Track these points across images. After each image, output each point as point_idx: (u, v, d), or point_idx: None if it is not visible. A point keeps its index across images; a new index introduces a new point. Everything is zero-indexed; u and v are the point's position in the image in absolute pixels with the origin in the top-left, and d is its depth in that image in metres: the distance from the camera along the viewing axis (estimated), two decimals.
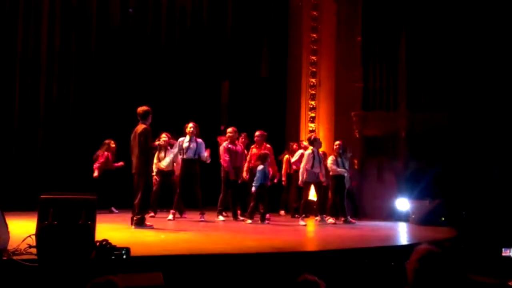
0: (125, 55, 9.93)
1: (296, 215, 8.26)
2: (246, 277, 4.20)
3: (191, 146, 7.53)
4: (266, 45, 11.14)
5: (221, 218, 7.76)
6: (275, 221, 8.06)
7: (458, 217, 7.84)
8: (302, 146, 8.98)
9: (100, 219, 4.27)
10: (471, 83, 9.51)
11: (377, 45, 9.85)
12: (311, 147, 7.95)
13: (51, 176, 8.69)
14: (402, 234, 7.38)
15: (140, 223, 6.26)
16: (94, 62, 9.69)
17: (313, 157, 7.73)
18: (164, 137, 7.93)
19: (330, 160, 8.20)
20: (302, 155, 8.59)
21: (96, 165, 8.74)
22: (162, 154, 8.08)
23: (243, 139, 8.31)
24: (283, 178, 9.12)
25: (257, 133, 8.28)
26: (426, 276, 2.38)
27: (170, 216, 7.58)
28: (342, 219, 8.07)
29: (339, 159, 8.19)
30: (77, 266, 3.73)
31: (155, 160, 8.00)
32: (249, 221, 7.60)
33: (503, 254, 4.65)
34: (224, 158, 7.87)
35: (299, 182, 7.89)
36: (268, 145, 8.37)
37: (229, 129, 8.07)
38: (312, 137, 8.39)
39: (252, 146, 8.34)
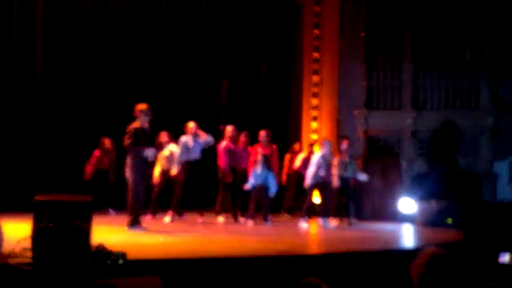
0: (123, 54, 9.85)
1: (298, 214, 8.17)
2: (247, 281, 4.10)
3: (195, 146, 7.42)
4: (267, 42, 11.02)
5: (220, 219, 7.65)
6: (277, 222, 7.95)
7: (465, 219, 7.69)
8: (309, 150, 8.93)
9: (96, 220, 4.18)
10: (473, 83, 9.39)
11: (381, 41, 9.72)
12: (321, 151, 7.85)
13: (46, 177, 8.61)
14: (408, 236, 7.26)
15: (131, 224, 6.14)
16: (91, 62, 9.61)
17: (322, 161, 7.58)
18: (164, 136, 7.87)
19: (335, 162, 8.04)
20: (303, 159, 8.49)
21: (88, 167, 8.66)
22: (167, 153, 7.95)
23: (243, 139, 8.15)
24: (284, 178, 9.01)
25: (263, 132, 8.15)
26: (432, 280, 2.27)
27: (168, 218, 7.45)
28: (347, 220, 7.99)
29: (347, 160, 8.02)
30: (73, 269, 3.66)
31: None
32: (251, 222, 7.51)
33: (500, 260, 4.37)
34: (223, 159, 7.75)
35: (305, 184, 7.77)
36: (274, 145, 8.26)
37: (229, 128, 7.94)
38: (323, 141, 8.23)
39: (258, 146, 8.21)
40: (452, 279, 2.26)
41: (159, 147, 7.85)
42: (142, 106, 6.34)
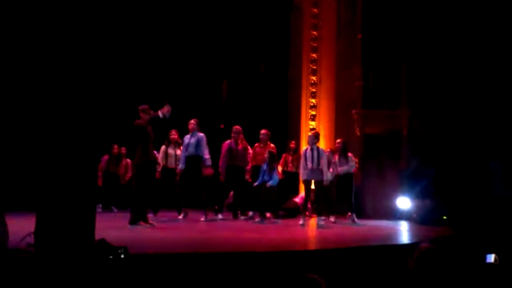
0: (124, 55, 9.92)
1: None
2: (245, 276, 4.18)
3: (192, 141, 7.45)
4: (266, 43, 11.10)
5: (220, 216, 7.73)
6: (277, 219, 8.02)
7: (458, 216, 7.82)
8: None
9: (99, 218, 4.25)
10: (472, 82, 9.49)
11: (378, 43, 9.83)
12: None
13: (50, 175, 8.69)
14: (403, 233, 7.35)
15: (133, 222, 6.22)
16: (93, 62, 9.66)
17: (305, 154, 7.56)
18: (173, 134, 7.96)
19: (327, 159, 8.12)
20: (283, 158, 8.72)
21: (99, 173, 8.98)
22: (171, 151, 8.01)
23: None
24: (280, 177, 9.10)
25: (262, 131, 8.24)
26: (426, 274, 2.37)
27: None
28: (349, 214, 8.10)
29: (342, 159, 8.12)
30: (76, 263, 3.72)
31: (161, 156, 8.01)
32: (258, 219, 7.61)
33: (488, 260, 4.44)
34: (221, 158, 7.82)
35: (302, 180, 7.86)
36: (272, 145, 8.33)
37: (234, 128, 7.98)
38: (308, 134, 8.31)
39: (256, 145, 8.31)
40: (444, 273, 2.35)
41: (170, 144, 7.97)
42: (143, 106, 6.46)
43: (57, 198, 3.98)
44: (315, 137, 7.74)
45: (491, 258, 4.18)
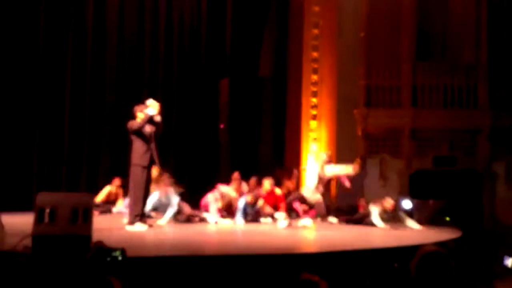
0: (123, 55, 9.88)
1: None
2: (245, 279, 4.13)
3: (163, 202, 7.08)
4: (266, 41, 11.03)
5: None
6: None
7: (462, 218, 7.75)
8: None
9: (99, 219, 4.21)
10: (471, 80, 9.44)
11: (381, 41, 9.77)
12: None
13: (49, 176, 8.67)
14: (405, 234, 7.28)
15: (130, 223, 6.14)
16: (92, 61, 9.64)
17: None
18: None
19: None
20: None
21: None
22: None
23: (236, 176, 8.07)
24: None
25: (235, 174, 8.06)
26: (430, 277, 2.32)
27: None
28: None
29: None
30: (73, 266, 3.69)
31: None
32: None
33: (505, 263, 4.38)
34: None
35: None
36: (244, 187, 8.09)
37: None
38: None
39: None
40: (447, 275, 2.30)
41: None
42: (140, 107, 6.43)
43: (54, 198, 3.96)
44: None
45: (509, 261, 4.12)
